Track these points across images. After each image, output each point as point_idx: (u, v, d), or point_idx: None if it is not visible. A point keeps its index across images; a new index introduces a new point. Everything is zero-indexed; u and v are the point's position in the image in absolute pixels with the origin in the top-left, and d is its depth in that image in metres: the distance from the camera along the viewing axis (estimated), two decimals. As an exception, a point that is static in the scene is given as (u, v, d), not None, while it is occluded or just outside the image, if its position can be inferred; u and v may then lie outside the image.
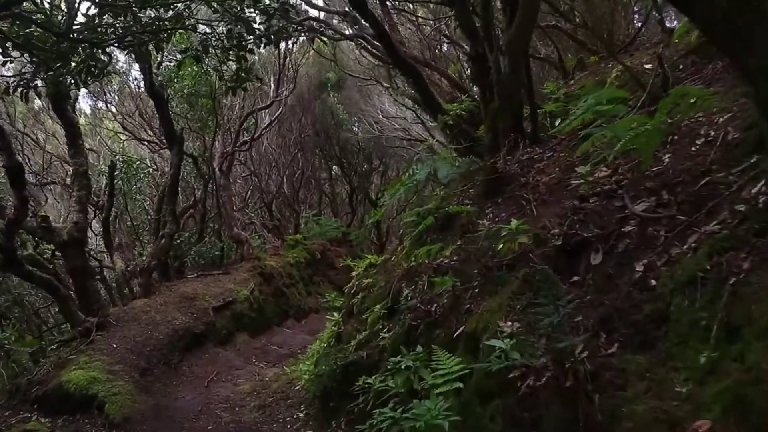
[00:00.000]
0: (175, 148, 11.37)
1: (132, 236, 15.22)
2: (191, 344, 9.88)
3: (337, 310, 8.21)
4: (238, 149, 14.79)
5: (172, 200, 11.44)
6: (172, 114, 12.28)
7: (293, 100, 18.06)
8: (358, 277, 8.09)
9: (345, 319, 7.68)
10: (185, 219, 14.59)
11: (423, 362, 4.44)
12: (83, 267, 9.74)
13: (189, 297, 10.89)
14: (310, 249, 16.81)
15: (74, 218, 9.92)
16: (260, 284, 12.72)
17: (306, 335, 12.57)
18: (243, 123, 14.39)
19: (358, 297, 7.34)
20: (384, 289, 6.60)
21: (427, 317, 5.06)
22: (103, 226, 10.94)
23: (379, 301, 6.48)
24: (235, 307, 11.35)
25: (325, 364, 7.10)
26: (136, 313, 9.88)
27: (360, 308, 7.12)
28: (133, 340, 9.01)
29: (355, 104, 21.25)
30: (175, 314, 10.18)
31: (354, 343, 6.58)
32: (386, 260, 7.76)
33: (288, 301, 13.67)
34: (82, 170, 10.25)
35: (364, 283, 7.55)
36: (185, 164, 14.04)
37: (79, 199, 10.12)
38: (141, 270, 10.85)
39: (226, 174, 14.02)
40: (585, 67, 8.34)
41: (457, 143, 7.87)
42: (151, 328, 9.51)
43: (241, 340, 11.06)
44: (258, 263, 13.24)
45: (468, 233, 5.68)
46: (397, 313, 5.93)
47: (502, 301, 4.05)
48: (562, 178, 5.17)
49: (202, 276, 12.50)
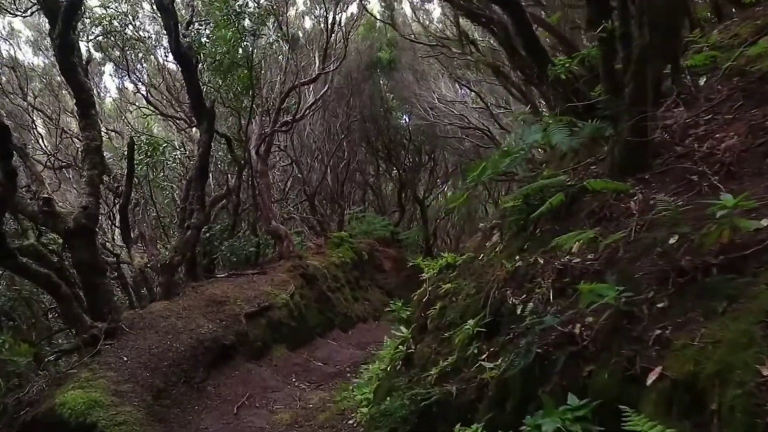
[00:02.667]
0: (205, 124, 10.00)
1: (158, 230, 13.96)
2: (219, 358, 8.47)
3: (404, 323, 6.65)
4: (278, 130, 13.33)
5: (201, 185, 10.06)
6: (203, 87, 10.93)
7: (340, 81, 16.60)
8: (431, 281, 6.50)
9: (416, 335, 6.13)
10: (216, 210, 13.26)
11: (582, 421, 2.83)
12: (92, 261, 8.43)
13: (218, 301, 9.49)
14: (357, 248, 15.32)
15: (83, 202, 8.64)
16: (301, 287, 11.26)
17: (354, 349, 11.07)
18: (284, 100, 12.92)
19: (435, 307, 5.77)
20: (476, 298, 5.02)
21: (570, 344, 3.42)
22: (120, 215, 9.63)
23: (469, 314, 4.91)
24: (272, 313, 9.90)
25: (391, 396, 5.56)
26: (153, 319, 8.53)
27: (439, 322, 5.58)
28: (148, 352, 7.65)
29: (407, 87, 19.76)
30: (201, 321, 8.78)
31: (435, 372, 4.96)
32: (469, 260, 6.15)
33: (333, 307, 12.17)
34: (94, 145, 8.96)
35: (441, 289, 5.98)
36: (217, 146, 12.73)
37: (90, 180, 8.83)
38: (162, 267, 9.50)
39: (263, 158, 12.59)
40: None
41: (567, 105, 6.24)
42: (171, 337, 8.14)
43: (278, 354, 9.60)
44: (299, 262, 11.78)
45: (606, 220, 4.09)
46: (500, 332, 4.34)
47: (747, 328, 2.39)
48: (752, 143, 3.66)
49: (234, 276, 11.11)
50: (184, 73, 9.97)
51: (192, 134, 14.60)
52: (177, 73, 13.09)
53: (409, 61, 19.22)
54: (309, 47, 14.95)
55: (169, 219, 14.90)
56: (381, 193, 22.87)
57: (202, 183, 10.14)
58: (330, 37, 13.70)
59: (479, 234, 7.12)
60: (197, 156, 10.04)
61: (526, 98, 11.83)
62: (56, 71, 13.00)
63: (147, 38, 13.19)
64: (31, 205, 8.34)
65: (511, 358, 3.89)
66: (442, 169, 27.13)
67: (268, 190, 12.62)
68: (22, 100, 12.26)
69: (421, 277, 7.40)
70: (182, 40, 9.51)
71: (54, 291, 7.63)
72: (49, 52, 13.86)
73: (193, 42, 9.96)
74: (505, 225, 5.94)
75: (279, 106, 12.58)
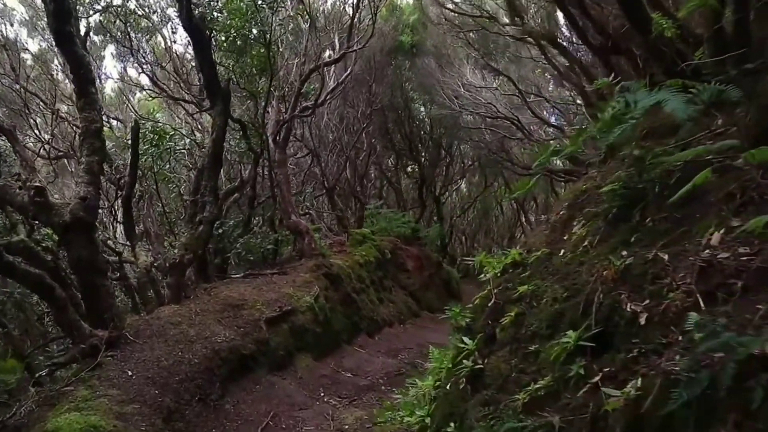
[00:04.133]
0: (219, 105, 9.01)
1: (164, 226, 13.00)
2: (237, 371, 7.50)
3: (463, 331, 5.63)
4: (299, 116, 12.29)
5: (214, 174, 9.08)
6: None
7: (361, 66, 15.56)
8: (495, 282, 5.48)
9: (483, 347, 5.12)
10: (229, 204, 12.27)
11: None
12: (91, 260, 7.43)
13: (234, 304, 8.52)
14: (381, 246, 14.30)
15: (81, 192, 7.64)
16: (326, 289, 10.25)
17: (385, 357, 10.09)
18: (305, 82, 11.88)
19: (509, 314, 4.76)
20: (571, 304, 4.01)
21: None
22: (123, 208, 8.66)
23: (563, 323, 3.93)
24: (295, 318, 8.92)
25: (458, 422, 4.62)
26: (162, 326, 7.56)
27: (516, 333, 4.58)
28: (156, 365, 6.68)
29: (430, 74, 18.74)
30: (216, 328, 7.81)
31: (524, 396, 3.95)
32: (544, 256, 5.13)
33: (359, 311, 11.16)
34: (93, 128, 7.97)
35: (514, 292, 4.97)
36: (231, 134, 11.74)
37: (89, 167, 7.84)
38: (171, 266, 8.52)
39: (282, 147, 11.57)
40: None
41: (667, 70, 5.23)
42: (183, 347, 7.17)
43: (303, 365, 8.61)
44: (323, 261, 10.77)
45: (754, 204, 3.11)
46: (614, 348, 3.35)
47: None
48: None
49: (251, 276, 10.13)
50: (195, 48, 8.98)
51: (202, 122, 13.64)
52: (185, 55, 12.15)
53: (434, 45, 18.22)
54: (329, 27, 13.93)
55: (176, 215, 13.95)
56: (400, 188, 21.88)
57: (215, 172, 9.17)
58: (355, 14, 12.64)
59: (544, 227, 6.13)
60: (210, 141, 9.06)
61: (570, 78, 10.84)
62: (53, 53, 12.03)
63: (152, 13, 12.19)
64: (21, 195, 7.36)
65: (656, 386, 2.83)
66: (458, 164, 26.24)
67: (287, 181, 11.61)
68: (14, 83, 11.32)
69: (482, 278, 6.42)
70: (194, 11, 8.52)
71: (46, 294, 6.65)
72: (46, 33, 12.91)
73: (205, 13, 8.97)
74: (588, 215, 4.93)
75: (299, 88, 11.54)
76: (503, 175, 25.58)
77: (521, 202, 27.27)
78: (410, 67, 18.86)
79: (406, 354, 10.46)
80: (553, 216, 6.23)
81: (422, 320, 14.31)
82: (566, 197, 6.35)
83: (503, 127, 18.58)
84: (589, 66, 8.66)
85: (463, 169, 27.10)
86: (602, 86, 5.51)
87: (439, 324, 14.91)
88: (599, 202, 4.77)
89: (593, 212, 4.80)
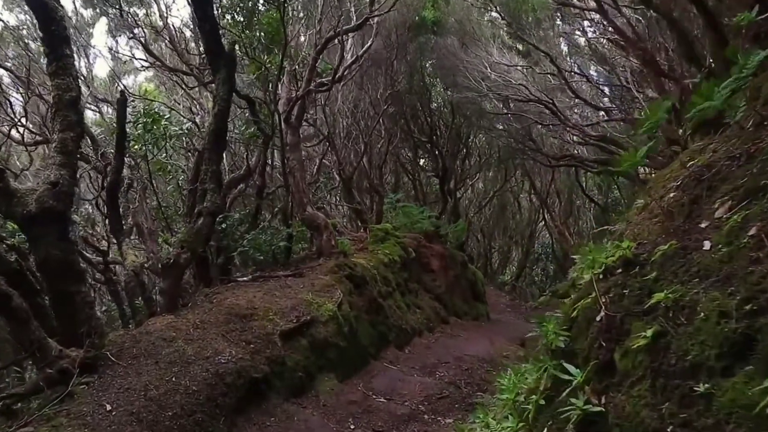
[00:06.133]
0: (222, 73, 7.57)
1: (160, 222, 11.57)
2: (247, 399, 6.08)
3: (557, 355, 4.17)
4: (316, 90, 10.78)
5: (216, 156, 7.64)
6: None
7: (380, 43, 14.09)
8: (603, 288, 4.02)
9: (597, 380, 3.70)
10: (234, 195, 10.82)
11: None
12: (64, 261, 6.02)
13: (241, 314, 7.09)
14: (405, 244, 12.84)
15: (52, 176, 6.23)
16: (350, 293, 8.80)
17: (421, 375, 8.67)
18: (321, 51, 10.37)
19: (643, 334, 3.33)
20: (764, 321, 2.64)
21: None
22: (108, 197, 7.22)
23: (757, 351, 2.56)
24: (315, 331, 7.47)
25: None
26: (152, 342, 6.15)
27: (657, 362, 3.25)
28: (143, 395, 5.28)
29: (453, 54, 17.27)
30: (219, 344, 6.37)
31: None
32: (673, 252, 3.67)
33: (386, 319, 9.71)
34: (68, 98, 6.56)
35: (642, 300, 3.57)
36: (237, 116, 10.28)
37: (63, 146, 6.43)
38: (164, 268, 7.08)
39: (295, 128, 10.09)
40: None
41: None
42: (178, 370, 5.77)
43: (326, 388, 7.15)
44: (344, 261, 9.31)
45: None
46: None
47: None
48: None
49: (261, 279, 8.69)
50: (196, 4, 7.54)
51: (202, 102, 12.20)
52: (183, 30, 10.70)
53: (458, 20, 16.76)
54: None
55: (173, 210, 12.53)
56: (420, 180, 20.48)
57: (218, 153, 7.73)
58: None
59: (654, 212, 4.71)
60: (212, 117, 7.62)
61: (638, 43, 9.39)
62: (30, 24, 10.58)
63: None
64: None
65: None
66: (474, 158, 24.94)
67: (302, 167, 10.15)
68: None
69: (577, 280, 4.95)
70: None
71: (1, 304, 5.20)
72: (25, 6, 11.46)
73: (204, -39, 7.52)
74: (739, 194, 3.54)
75: (315, 58, 10.02)
76: (525, 167, 24.26)
77: (543, 197, 25.91)
78: (432, 46, 17.38)
79: (444, 371, 9.01)
80: (656, 200, 4.79)
81: (452, 327, 12.90)
82: (672, 175, 4.87)
83: (532, 112, 17.15)
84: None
85: (480, 163, 25.74)
86: (745, 21, 4.07)
87: (470, 331, 13.53)
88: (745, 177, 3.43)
89: (746, 188, 3.42)
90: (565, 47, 18.35)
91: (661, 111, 4.57)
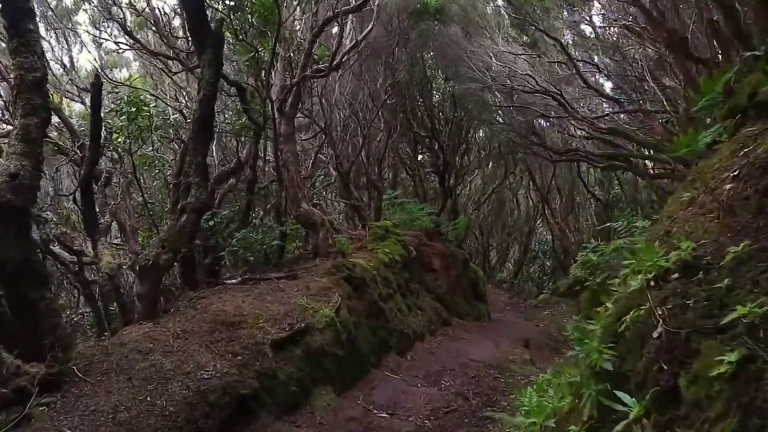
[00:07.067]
0: (209, 53, 6.86)
1: (146, 219, 10.87)
2: (233, 420, 5.39)
3: (606, 377, 3.48)
4: (312, 76, 10.03)
5: (202, 147, 6.93)
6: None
7: (379, 31, 13.40)
8: (656, 296, 3.36)
9: (659, 411, 3.15)
10: (224, 190, 10.12)
11: None
12: (25, 262, 5.32)
13: (228, 321, 6.38)
14: (406, 242, 12.18)
15: (12, 168, 5.52)
16: (348, 297, 8.11)
17: (425, 385, 8.02)
18: (318, 34, 9.62)
19: (719, 358, 2.71)
20: None
21: None
22: (82, 190, 6.51)
23: None
24: (311, 339, 6.77)
25: None
26: (126, 355, 5.47)
27: (743, 393, 2.54)
28: (112, 419, 4.61)
29: (456, 44, 16.61)
30: (202, 357, 5.68)
31: None
32: (752, 253, 3.05)
33: (387, 323, 9.02)
34: (32, 79, 5.84)
35: (714, 314, 2.96)
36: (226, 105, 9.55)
37: (25, 133, 5.72)
38: (142, 270, 6.37)
39: (289, 117, 9.37)
40: None
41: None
42: (154, 388, 5.08)
43: (323, 403, 6.46)
44: (342, 261, 8.61)
45: None
46: None
47: None
48: None
49: (251, 281, 7.98)
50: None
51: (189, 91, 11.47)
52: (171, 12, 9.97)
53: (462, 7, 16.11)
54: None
55: (160, 206, 11.82)
56: (420, 176, 19.88)
57: (203, 144, 7.02)
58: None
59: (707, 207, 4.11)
60: (197, 102, 6.91)
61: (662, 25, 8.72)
62: None
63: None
64: None
65: None
66: (474, 153, 24.44)
67: (296, 160, 9.43)
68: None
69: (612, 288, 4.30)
70: None
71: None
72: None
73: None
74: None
75: (311, 41, 9.28)
76: (527, 163, 23.72)
77: (544, 194, 25.37)
78: (434, 35, 16.74)
79: (449, 379, 8.35)
80: (708, 194, 4.14)
81: (454, 329, 12.27)
82: (722, 165, 4.21)
83: (537, 105, 16.50)
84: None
85: (480, 159, 25.21)
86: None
87: (472, 333, 12.90)
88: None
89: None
90: (570, 39, 17.71)
91: (718, 85, 3.91)
